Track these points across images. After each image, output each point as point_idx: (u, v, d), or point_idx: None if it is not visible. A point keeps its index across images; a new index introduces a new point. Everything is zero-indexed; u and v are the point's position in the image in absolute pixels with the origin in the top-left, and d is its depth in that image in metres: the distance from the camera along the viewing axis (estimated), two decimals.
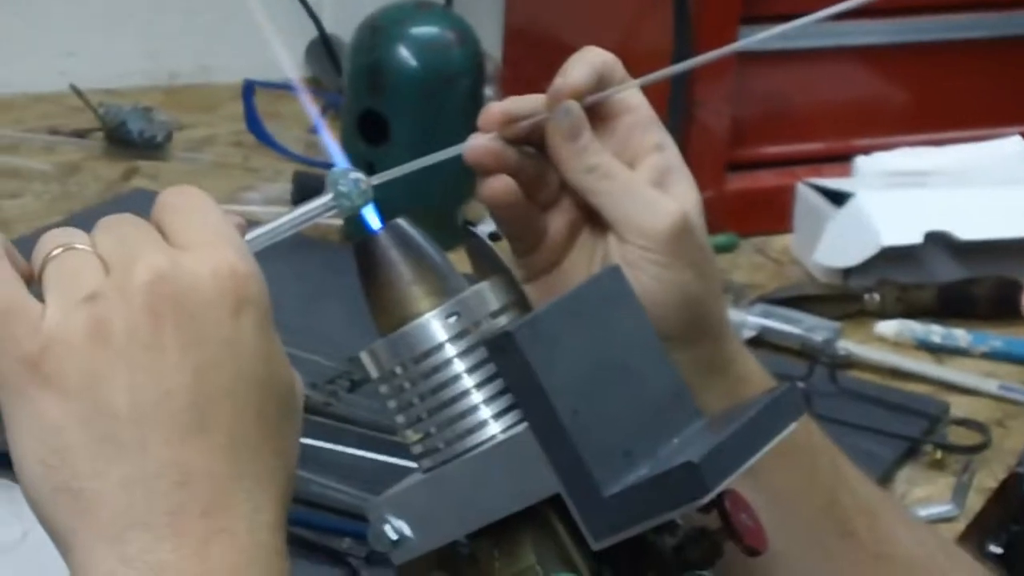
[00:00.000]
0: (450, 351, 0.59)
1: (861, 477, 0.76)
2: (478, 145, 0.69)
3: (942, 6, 1.57)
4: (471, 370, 0.59)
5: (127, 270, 0.54)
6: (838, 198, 1.44)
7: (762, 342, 1.30)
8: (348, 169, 0.61)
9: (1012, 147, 1.55)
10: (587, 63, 0.70)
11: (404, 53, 1.41)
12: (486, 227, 0.74)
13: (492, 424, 0.59)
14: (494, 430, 0.59)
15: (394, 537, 0.60)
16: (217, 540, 0.53)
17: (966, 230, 1.40)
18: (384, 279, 0.61)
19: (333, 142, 0.65)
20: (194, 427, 0.53)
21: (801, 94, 1.57)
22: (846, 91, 1.58)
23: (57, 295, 0.54)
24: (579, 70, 0.70)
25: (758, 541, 0.61)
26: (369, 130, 1.42)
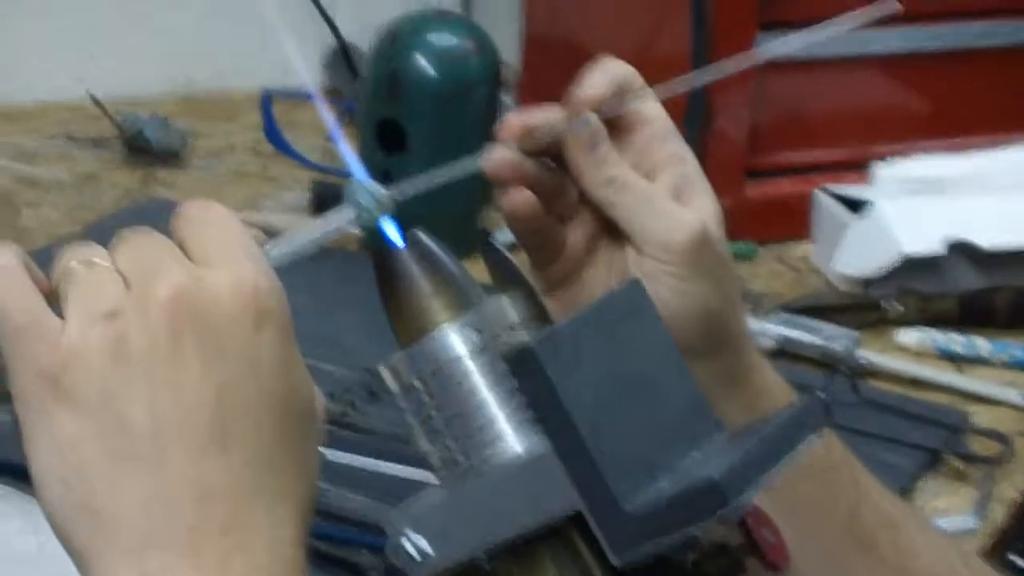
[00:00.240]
0: (469, 364, 0.59)
1: (882, 489, 0.76)
2: (497, 157, 0.69)
3: (960, 13, 1.57)
4: (491, 384, 0.59)
5: (147, 286, 0.54)
6: (857, 206, 1.43)
7: (782, 351, 1.29)
8: (367, 181, 0.61)
9: None
10: (605, 74, 0.70)
11: (422, 62, 1.41)
12: (503, 235, 0.74)
13: (512, 439, 0.58)
14: (514, 445, 0.58)
15: (413, 553, 0.60)
16: (237, 557, 0.53)
17: (987, 239, 1.40)
18: (403, 291, 0.60)
19: (351, 152, 0.64)
20: (214, 444, 0.53)
21: (819, 101, 1.56)
22: (864, 98, 1.58)
23: (77, 311, 0.54)
24: (597, 81, 0.69)
25: (780, 557, 0.60)
26: (386, 139, 1.42)
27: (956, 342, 1.33)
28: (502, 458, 0.58)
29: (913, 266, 1.39)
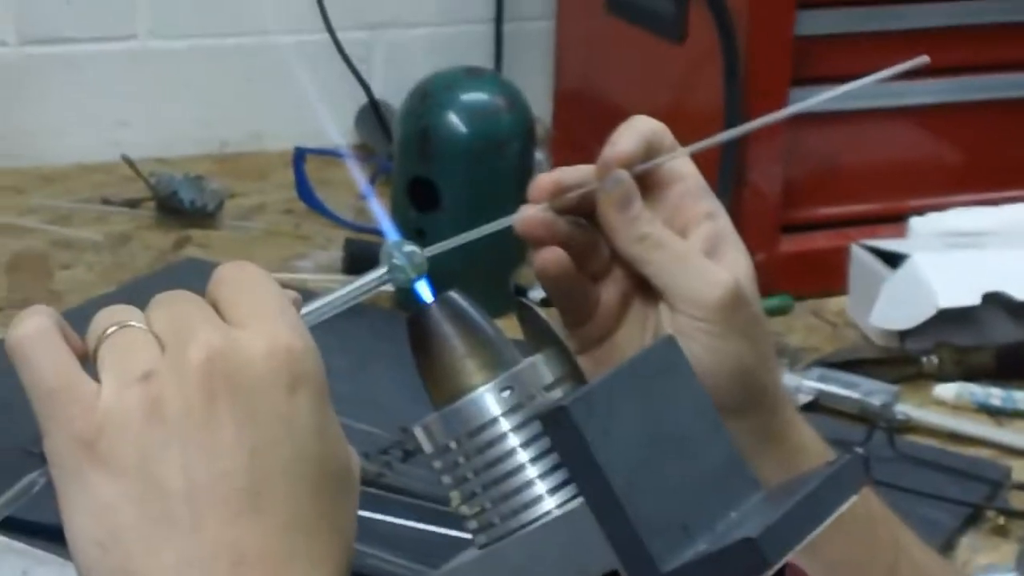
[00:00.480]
0: (504, 425, 0.59)
1: (921, 546, 0.75)
2: (529, 217, 0.69)
3: (994, 65, 1.57)
4: (526, 444, 0.58)
5: (182, 348, 0.54)
6: (893, 259, 1.43)
7: (819, 406, 1.28)
8: (402, 241, 0.61)
9: None
10: (636, 132, 0.70)
11: (454, 119, 1.41)
12: (537, 293, 0.74)
13: (548, 499, 0.58)
14: (550, 505, 0.58)
15: None
16: None
17: (1023, 290, 1.39)
18: (437, 352, 0.60)
19: (383, 212, 0.65)
20: (249, 507, 0.53)
21: (853, 154, 1.56)
22: (899, 151, 1.58)
23: (112, 374, 0.54)
24: (628, 139, 0.70)
25: None
26: (419, 196, 1.42)
27: (994, 395, 1.32)
28: (539, 519, 0.58)
29: (949, 319, 1.38)
